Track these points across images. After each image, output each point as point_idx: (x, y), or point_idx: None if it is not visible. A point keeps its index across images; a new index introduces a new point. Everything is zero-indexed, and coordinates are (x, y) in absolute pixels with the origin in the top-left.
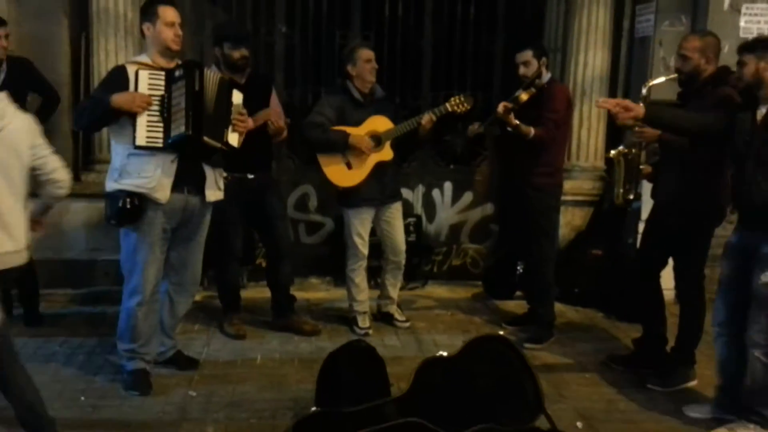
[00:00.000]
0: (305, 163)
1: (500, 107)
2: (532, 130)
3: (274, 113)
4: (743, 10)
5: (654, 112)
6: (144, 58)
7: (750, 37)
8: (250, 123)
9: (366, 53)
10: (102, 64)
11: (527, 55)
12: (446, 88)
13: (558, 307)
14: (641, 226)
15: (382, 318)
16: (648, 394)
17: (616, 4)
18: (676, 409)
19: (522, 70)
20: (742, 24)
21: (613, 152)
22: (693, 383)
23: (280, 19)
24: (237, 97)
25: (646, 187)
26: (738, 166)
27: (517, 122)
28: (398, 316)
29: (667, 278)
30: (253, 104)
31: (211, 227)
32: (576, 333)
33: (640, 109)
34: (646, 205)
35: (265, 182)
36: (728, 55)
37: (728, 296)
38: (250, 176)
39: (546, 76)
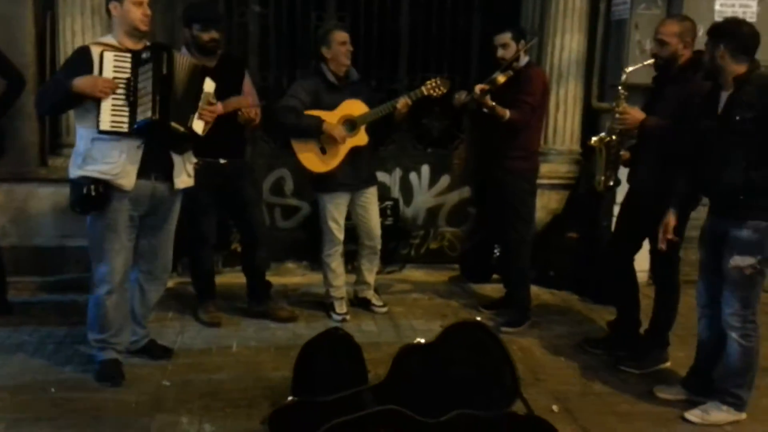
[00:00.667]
0: (281, 146)
1: (477, 88)
2: (507, 113)
3: (245, 101)
4: None
5: (653, 124)
6: (110, 39)
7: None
8: (220, 109)
9: (341, 35)
10: (68, 45)
11: (506, 37)
12: (423, 71)
13: (534, 290)
14: (616, 210)
15: (359, 303)
16: (623, 377)
17: None
18: (651, 391)
19: (500, 52)
20: (717, 7)
21: (594, 139)
22: (666, 365)
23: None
24: (209, 85)
25: (623, 171)
26: (705, 153)
27: (493, 104)
28: (375, 301)
29: (641, 260)
30: (225, 88)
31: (184, 213)
32: (552, 316)
33: (638, 114)
34: (621, 189)
35: (239, 167)
36: (703, 39)
37: (707, 280)
38: (222, 161)
39: (524, 59)
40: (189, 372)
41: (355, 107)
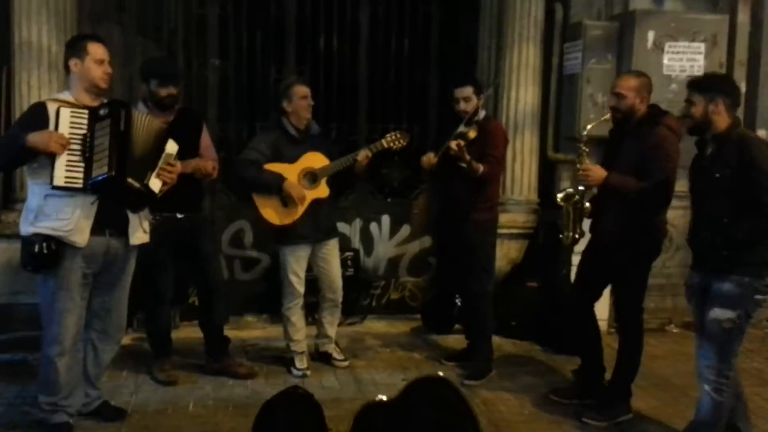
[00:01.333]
0: (240, 198)
1: (454, 145)
2: (481, 167)
3: (205, 165)
4: (666, 48)
5: (615, 180)
6: (67, 96)
7: (674, 74)
8: (179, 168)
9: (302, 90)
10: (24, 99)
11: (468, 91)
12: (382, 122)
13: (495, 340)
14: (575, 259)
15: (320, 357)
16: (587, 429)
17: (545, 42)
18: None
19: (462, 105)
20: (665, 62)
21: (560, 196)
22: (629, 416)
23: (213, 52)
24: (171, 146)
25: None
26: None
27: (470, 158)
28: (336, 355)
29: (601, 309)
30: (183, 142)
31: (140, 269)
32: (514, 367)
33: (601, 172)
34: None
35: (196, 222)
36: (655, 93)
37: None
38: (180, 215)
39: (482, 112)
40: None
41: (316, 160)
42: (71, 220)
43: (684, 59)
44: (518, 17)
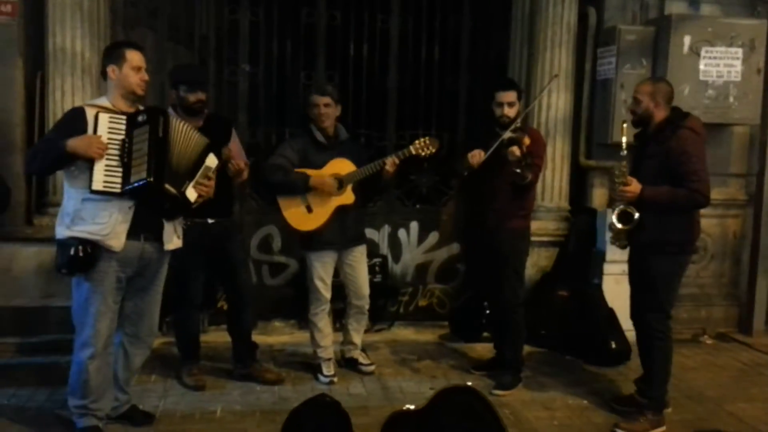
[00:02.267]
0: (268, 203)
1: (517, 151)
2: (529, 175)
3: (234, 151)
4: (702, 53)
5: (651, 193)
6: (104, 102)
7: (710, 80)
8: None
9: (313, 98)
10: (57, 105)
11: (512, 95)
12: (411, 128)
13: (524, 349)
14: (607, 267)
15: (347, 364)
16: None
17: (578, 47)
18: None
19: (506, 110)
20: (701, 67)
21: (614, 218)
22: (662, 429)
23: (243, 59)
24: (212, 160)
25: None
26: None
27: (526, 165)
28: (363, 360)
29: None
30: (213, 146)
31: (171, 273)
32: (543, 377)
33: (637, 188)
34: (612, 246)
35: (227, 227)
36: (689, 97)
37: None
38: (211, 221)
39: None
40: None
41: (343, 166)
42: (108, 225)
43: (721, 64)
44: (550, 23)
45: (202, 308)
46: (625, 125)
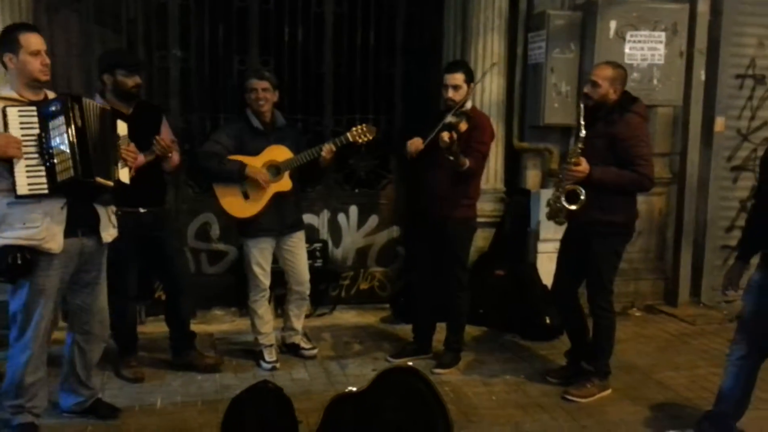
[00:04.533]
0: (205, 191)
1: (446, 137)
2: (467, 162)
3: (165, 133)
4: (627, 37)
5: (599, 174)
6: (9, 92)
7: (635, 63)
8: (141, 160)
9: (250, 83)
10: None
11: (458, 78)
12: (348, 113)
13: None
14: (541, 246)
15: (289, 349)
16: (554, 414)
17: (509, 32)
18: (582, 426)
19: (450, 93)
20: (626, 50)
21: (563, 198)
22: (607, 392)
23: (174, 43)
24: (122, 128)
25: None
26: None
27: (459, 151)
28: (304, 344)
29: None
30: (142, 134)
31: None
32: (482, 354)
33: (586, 168)
34: (545, 225)
35: (159, 216)
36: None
37: (750, 333)
38: (142, 210)
39: (469, 103)
40: None
41: (280, 153)
42: (42, 228)
43: (645, 48)
44: (483, 8)
45: (139, 299)
46: (582, 106)
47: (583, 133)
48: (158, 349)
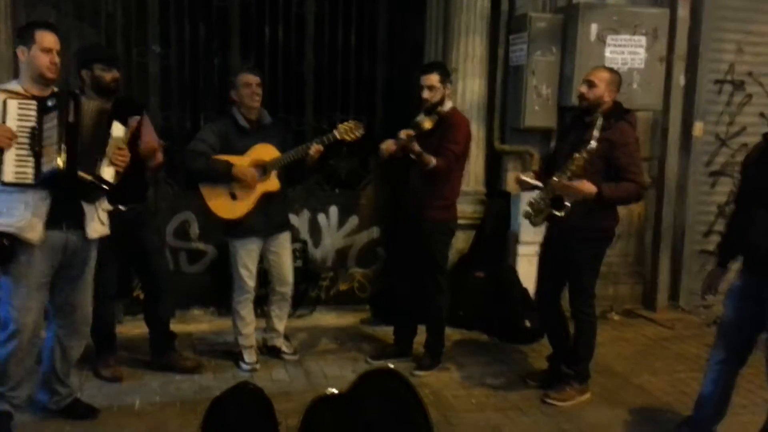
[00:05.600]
0: (185, 188)
1: (403, 134)
2: (433, 160)
3: (146, 128)
4: (608, 41)
5: (609, 193)
6: (14, 86)
7: (615, 67)
8: (128, 153)
9: (245, 77)
10: None
11: (433, 78)
12: (329, 112)
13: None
14: (521, 249)
15: (269, 352)
16: (534, 417)
17: (491, 34)
18: (561, 429)
19: (426, 93)
20: (607, 54)
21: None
22: (586, 396)
23: (153, 39)
24: (118, 129)
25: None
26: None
27: (420, 150)
28: (286, 348)
29: None
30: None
31: None
32: (462, 357)
33: (592, 188)
34: (525, 228)
35: (140, 214)
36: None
37: (730, 338)
38: (122, 208)
39: (448, 103)
40: None
41: (267, 152)
42: (23, 217)
43: (626, 52)
44: (465, 9)
45: (117, 298)
46: (599, 122)
47: (593, 144)
48: (137, 349)
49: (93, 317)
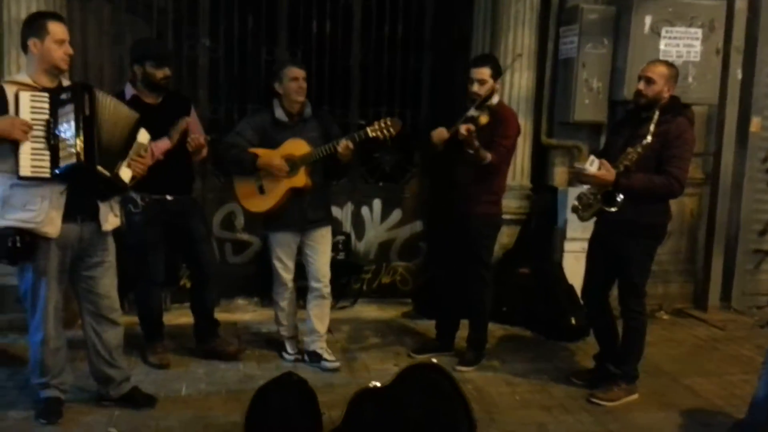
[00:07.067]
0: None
1: (463, 129)
2: (488, 156)
3: (194, 128)
4: (663, 33)
5: (626, 183)
6: (24, 78)
7: (670, 60)
8: (149, 161)
9: (292, 71)
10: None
11: (485, 72)
12: (375, 105)
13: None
14: (567, 245)
15: (310, 358)
16: (578, 416)
17: (540, 27)
18: (608, 430)
19: (476, 87)
20: (662, 47)
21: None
22: (634, 397)
23: (203, 33)
24: (143, 136)
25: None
26: None
27: (479, 145)
28: (327, 356)
29: None
30: (170, 125)
31: (131, 250)
32: (506, 353)
33: (611, 176)
34: (572, 224)
35: (187, 204)
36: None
37: None
38: (169, 197)
39: (495, 97)
40: (137, 418)
41: (297, 147)
42: (41, 211)
43: (681, 44)
44: (514, 1)
45: (165, 286)
46: (656, 116)
47: (649, 139)
48: (184, 337)
49: (140, 304)
